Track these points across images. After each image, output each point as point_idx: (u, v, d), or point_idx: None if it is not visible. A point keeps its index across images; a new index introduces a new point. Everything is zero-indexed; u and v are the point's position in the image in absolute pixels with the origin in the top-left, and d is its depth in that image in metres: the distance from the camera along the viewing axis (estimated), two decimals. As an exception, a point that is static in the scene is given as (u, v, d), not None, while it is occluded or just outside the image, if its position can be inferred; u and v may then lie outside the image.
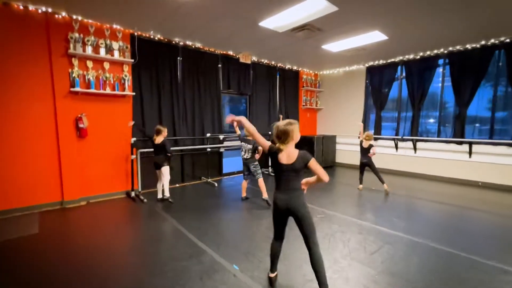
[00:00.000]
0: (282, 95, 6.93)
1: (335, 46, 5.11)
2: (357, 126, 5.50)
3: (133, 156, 4.27)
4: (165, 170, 3.93)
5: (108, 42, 4.02)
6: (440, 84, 5.70)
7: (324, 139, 6.94)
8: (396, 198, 4.32)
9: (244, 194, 4.22)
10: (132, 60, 4.24)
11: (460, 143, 5.34)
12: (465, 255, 2.44)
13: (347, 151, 7.25)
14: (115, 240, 2.78)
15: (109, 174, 4.23)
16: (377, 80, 6.56)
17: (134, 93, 4.33)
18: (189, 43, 4.99)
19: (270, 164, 6.50)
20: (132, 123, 4.08)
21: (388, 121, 6.71)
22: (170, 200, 3.95)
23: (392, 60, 6.18)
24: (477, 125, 5.32)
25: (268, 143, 1.90)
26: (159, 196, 4.07)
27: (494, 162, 4.94)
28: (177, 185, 5.04)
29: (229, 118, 1.95)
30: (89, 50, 3.85)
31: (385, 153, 6.46)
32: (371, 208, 3.85)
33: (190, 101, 5.19)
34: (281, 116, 5.89)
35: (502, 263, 2.30)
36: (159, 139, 3.83)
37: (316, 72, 7.77)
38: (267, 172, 6.28)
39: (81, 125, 3.85)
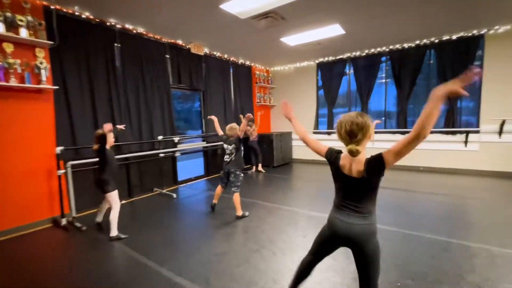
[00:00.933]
0: (237, 91, 6.48)
1: (294, 39, 4.94)
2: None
3: (61, 171, 3.19)
4: (109, 197, 2.80)
5: (8, 14, 2.87)
6: (383, 80, 6.19)
7: (282, 136, 6.81)
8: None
9: (215, 201, 3.62)
10: (51, 42, 3.15)
11: (404, 133, 5.89)
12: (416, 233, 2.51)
13: (303, 147, 7.28)
14: (47, 296, 1.90)
15: (23, 197, 3.06)
16: (328, 76, 6.75)
17: (57, 87, 3.24)
18: (129, 26, 4.07)
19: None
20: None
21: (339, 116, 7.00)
22: (117, 236, 2.76)
23: (341, 56, 6.43)
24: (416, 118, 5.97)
25: (324, 147, 1.45)
26: (98, 218, 3.06)
27: (431, 148, 5.59)
28: (123, 201, 4.08)
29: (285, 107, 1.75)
30: (-23, 24, 2.66)
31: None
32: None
33: (134, 98, 4.26)
34: (241, 116, 5.45)
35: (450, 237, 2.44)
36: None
37: (267, 68, 7.58)
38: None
39: (-30, 133, 2.64)
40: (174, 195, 4.27)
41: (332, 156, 1.38)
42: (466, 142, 5.24)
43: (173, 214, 3.58)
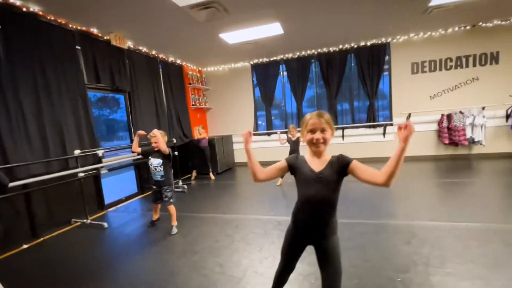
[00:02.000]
0: (169, 93, 5.73)
1: (233, 36, 4.67)
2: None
3: None
4: None
5: None
6: (314, 81, 6.62)
7: (223, 140, 6.41)
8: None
9: (156, 216, 3.21)
10: None
11: (336, 129, 6.42)
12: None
13: (243, 150, 7.08)
14: None
15: None
16: (263, 77, 6.76)
17: None
18: (15, 2, 2.94)
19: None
20: None
21: (276, 116, 7.13)
22: None
23: (274, 58, 6.54)
24: (345, 113, 6.60)
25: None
26: None
27: (358, 141, 6.27)
28: (25, 245, 2.90)
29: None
30: None
31: (277, 146, 6.80)
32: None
33: (33, 102, 3.10)
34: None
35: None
36: None
37: (200, 69, 7.05)
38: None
39: None
40: (105, 224, 3.31)
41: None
42: (384, 133, 6.11)
43: (108, 250, 2.73)
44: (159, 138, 2.93)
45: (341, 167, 1.23)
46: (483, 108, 5.34)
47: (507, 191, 3.54)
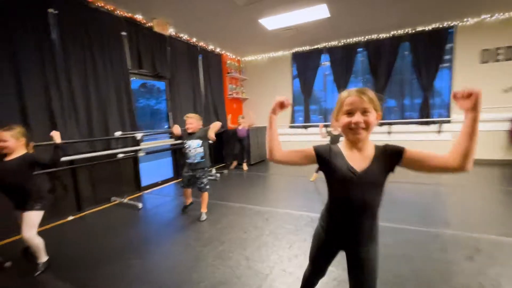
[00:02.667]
0: (208, 82, 5.75)
1: (273, 21, 4.44)
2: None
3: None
4: (30, 217, 1.92)
5: None
6: (359, 74, 6.08)
7: (258, 131, 6.29)
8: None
9: (189, 201, 3.16)
10: None
11: (381, 124, 5.85)
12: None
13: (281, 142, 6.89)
14: None
15: None
16: (303, 67, 6.42)
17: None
18: (69, -12, 3.11)
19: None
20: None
21: (315, 110, 6.76)
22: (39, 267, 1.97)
23: (317, 46, 6.15)
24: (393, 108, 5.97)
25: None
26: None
27: (409, 139, 5.63)
28: (71, 217, 3.13)
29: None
30: None
31: (316, 140, 6.46)
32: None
33: (81, 85, 3.30)
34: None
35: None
36: (18, 153, 1.93)
37: (238, 58, 6.97)
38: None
39: None
40: (140, 205, 3.43)
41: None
42: (439, 131, 5.37)
43: (140, 230, 2.80)
44: (194, 120, 2.90)
45: (391, 161, 0.97)
46: None
47: None
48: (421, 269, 1.83)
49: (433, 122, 5.40)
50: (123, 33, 3.85)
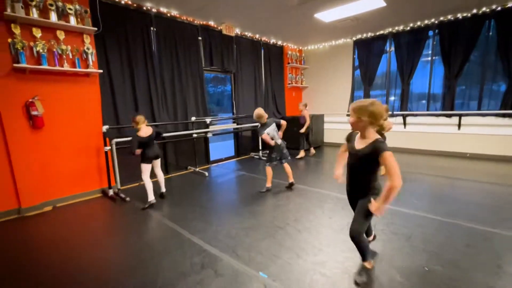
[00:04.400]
0: (268, 73, 6.41)
1: (328, 14, 4.66)
2: None
3: (107, 148, 3.55)
4: (159, 162, 3.38)
5: (60, 4, 3.14)
6: (429, 58, 5.60)
7: (314, 119, 6.64)
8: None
9: (269, 184, 3.61)
10: (95, 29, 3.41)
11: (450, 116, 5.36)
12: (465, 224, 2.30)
13: (335, 130, 7.07)
14: (99, 253, 2.20)
15: (77, 170, 3.48)
16: (365, 54, 6.30)
17: (101, 71, 3.53)
18: (163, 9, 4.20)
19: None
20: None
21: (377, 98, 6.58)
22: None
23: (381, 32, 5.92)
24: (466, 97, 5.35)
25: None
26: (162, 190, 3.49)
27: (481, 133, 5.02)
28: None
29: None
30: (34, 13, 2.96)
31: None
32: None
33: (169, 80, 4.47)
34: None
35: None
36: (147, 131, 3.12)
37: (300, 48, 7.31)
38: (257, 157, 5.86)
39: (34, 113, 3.03)
40: (206, 174, 4.50)
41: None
42: (526, 126, 4.61)
43: (205, 191, 3.80)
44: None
45: (373, 153, 1.51)
46: None
47: None
48: (414, 246, 2.13)
49: (519, 115, 4.66)
50: (199, 38, 4.84)
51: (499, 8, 4.56)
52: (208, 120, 4.78)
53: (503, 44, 4.65)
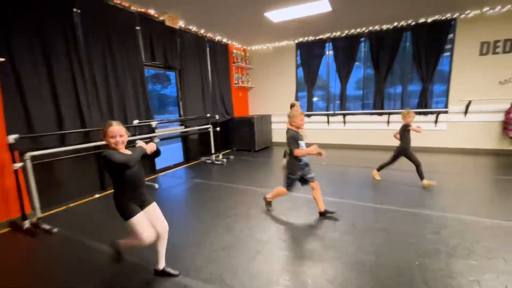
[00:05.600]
0: (215, 72, 6.04)
1: (278, 14, 4.64)
2: None
3: (18, 165, 2.62)
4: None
5: None
6: (362, 62, 6.25)
7: (262, 119, 6.61)
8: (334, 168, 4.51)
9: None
10: (-11, 1, 2.46)
11: (381, 114, 6.09)
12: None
13: (282, 130, 7.21)
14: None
15: (-33, 199, 2.46)
16: (307, 56, 6.62)
17: (2, 59, 2.58)
18: (90, -12, 3.40)
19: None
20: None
21: (318, 98, 7.01)
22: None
23: (321, 36, 6.31)
24: (392, 97, 6.17)
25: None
26: (160, 266, 1.87)
27: (404, 128, 5.87)
28: (97, 195, 3.59)
29: None
30: None
31: (318, 128, 6.77)
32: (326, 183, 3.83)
33: (103, 76, 3.66)
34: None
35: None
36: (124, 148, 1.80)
37: (245, 47, 7.18)
38: (209, 161, 5.44)
39: None
40: (156, 185, 3.88)
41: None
42: (436, 122, 5.60)
43: (161, 207, 3.23)
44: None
45: None
46: None
47: None
48: (395, 240, 2.21)
49: (431, 113, 5.63)
50: (138, 28, 4.14)
51: (413, 23, 5.39)
52: (153, 123, 4.13)
53: (417, 53, 5.53)
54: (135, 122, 3.99)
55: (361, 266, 1.87)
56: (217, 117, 5.67)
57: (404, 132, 3.63)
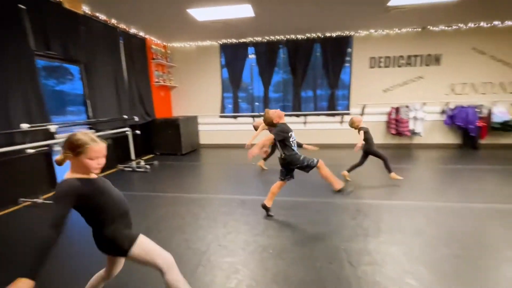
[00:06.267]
0: (131, 68, 5.38)
1: (202, 13, 4.51)
2: None
3: None
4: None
5: None
6: (281, 67, 6.76)
7: (188, 121, 6.31)
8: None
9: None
10: None
11: (298, 115, 6.74)
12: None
13: (211, 132, 7.09)
14: None
15: None
16: (232, 58, 6.69)
17: None
18: None
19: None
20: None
21: (242, 100, 7.18)
22: None
23: (244, 40, 6.49)
24: (308, 100, 6.91)
25: None
26: None
27: (319, 128, 6.69)
28: (-36, 226, 2.65)
29: None
30: None
31: (244, 130, 6.95)
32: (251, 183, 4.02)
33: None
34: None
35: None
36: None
37: (165, 44, 6.67)
38: (142, 170, 4.82)
39: None
40: (60, 204, 3.15)
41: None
42: (341, 122, 6.60)
43: (71, 235, 2.64)
44: None
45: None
46: (424, 104, 6.07)
47: (437, 175, 4.20)
48: (322, 229, 2.47)
49: (337, 114, 6.60)
50: (22, 6, 3.26)
51: (322, 36, 6.19)
52: (53, 127, 3.33)
53: (326, 62, 6.37)
54: (25, 126, 3.13)
55: (300, 259, 2.01)
56: (136, 118, 5.07)
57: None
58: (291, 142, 2.67)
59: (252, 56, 6.68)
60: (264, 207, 2.75)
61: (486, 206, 2.90)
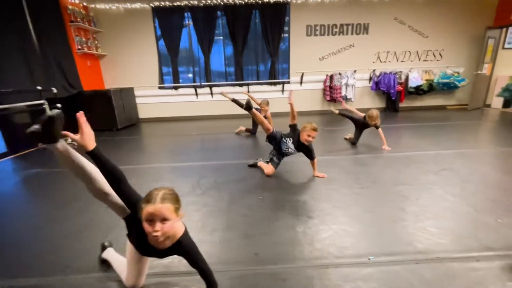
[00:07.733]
0: (43, 31, 4.62)
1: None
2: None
3: None
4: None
5: None
6: (222, 37, 6.54)
7: (122, 93, 5.84)
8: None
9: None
10: None
11: (241, 85, 6.73)
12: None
13: (150, 104, 6.69)
14: None
15: None
16: (167, 25, 6.23)
17: None
18: None
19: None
20: None
21: (184, 70, 6.85)
22: None
23: (179, 3, 6.04)
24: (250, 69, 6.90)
25: None
26: None
27: (261, 97, 6.79)
28: None
29: None
30: None
31: (187, 101, 6.74)
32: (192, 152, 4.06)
33: None
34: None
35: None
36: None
37: (85, 4, 5.84)
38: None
39: None
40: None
41: None
42: (282, 90, 6.81)
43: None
44: None
45: None
46: (355, 71, 6.57)
47: (364, 134, 4.72)
48: (248, 187, 2.64)
49: (279, 83, 6.77)
50: None
51: (259, 1, 6.08)
52: None
53: (265, 31, 6.35)
54: None
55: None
56: (54, 90, 4.50)
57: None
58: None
59: (189, 24, 6.30)
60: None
61: (395, 155, 3.41)
